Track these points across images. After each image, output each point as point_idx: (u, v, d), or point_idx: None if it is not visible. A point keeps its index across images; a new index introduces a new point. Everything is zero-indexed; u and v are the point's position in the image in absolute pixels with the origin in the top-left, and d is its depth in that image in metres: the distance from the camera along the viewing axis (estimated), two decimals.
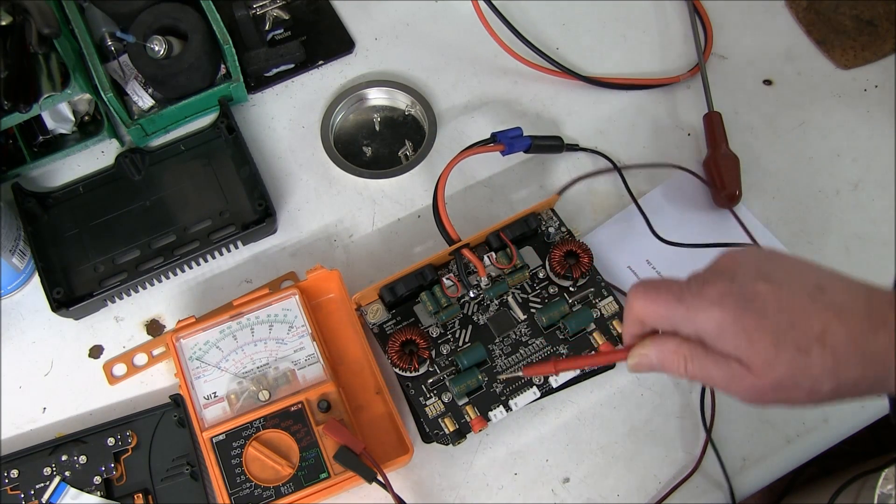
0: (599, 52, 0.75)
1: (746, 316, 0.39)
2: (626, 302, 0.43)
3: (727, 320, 0.39)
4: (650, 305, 0.42)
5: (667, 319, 0.42)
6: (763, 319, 0.38)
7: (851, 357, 0.38)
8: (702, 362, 0.41)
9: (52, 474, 0.56)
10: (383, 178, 0.68)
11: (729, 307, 0.39)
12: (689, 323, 0.41)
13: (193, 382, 0.57)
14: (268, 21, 0.74)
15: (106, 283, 0.63)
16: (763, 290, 0.39)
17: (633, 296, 0.43)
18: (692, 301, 0.40)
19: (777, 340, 0.38)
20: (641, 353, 0.43)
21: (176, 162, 0.68)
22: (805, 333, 0.38)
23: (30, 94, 0.60)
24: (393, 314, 0.60)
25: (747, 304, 0.39)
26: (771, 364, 0.38)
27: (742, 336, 0.39)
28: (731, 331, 0.39)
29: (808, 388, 0.39)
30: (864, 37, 0.75)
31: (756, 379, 0.39)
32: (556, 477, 0.58)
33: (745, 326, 0.39)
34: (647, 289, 0.42)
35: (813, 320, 0.38)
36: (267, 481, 0.54)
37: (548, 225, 0.63)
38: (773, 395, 0.40)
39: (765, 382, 0.39)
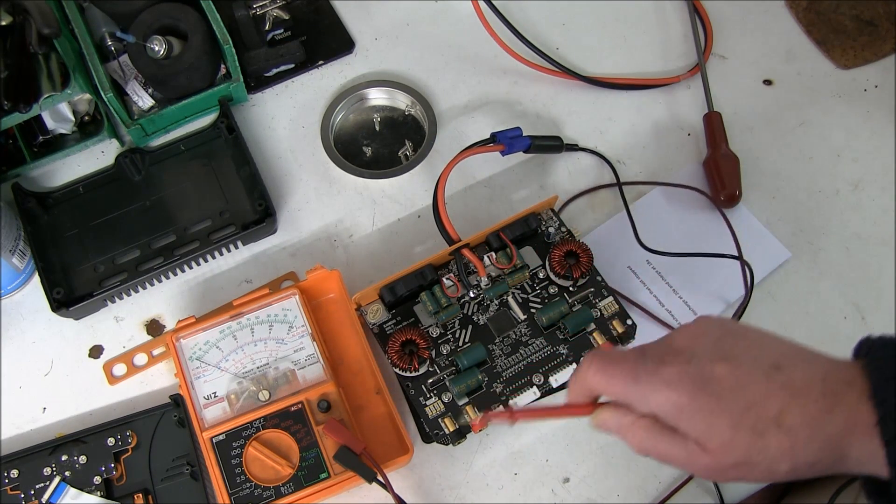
0: (599, 52, 0.75)
1: (703, 398, 0.38)
2: (579, 370, 0.43)
3: (684, 402, 0.39)
4: (604, 381, 0.41)
5: (621, 397, 0.41)
6: (720, 401, 0.38)
7: (807, 439, 0.37)
8: (658, 440, 0.40)
9: (52, 474, 0.56)
10: (383, 178, 0.68)
11: (686, 389, 0.39)
12: (644, 403, 0.40)
13: (193, 382, 0.57)
14: (268, 21, 0.74)
15: (106, 283, 0.63)
16: (720, 371, 0.39)
17: (588, 368, 0.42)
18: (648, 380, 0.40)
19: (734, 423, 0.38)
20: (602, 417, 0.43)
21: (176, 162, 0.68)
22: (761, 416, 0.38)
23: (30, 94, 0.60)
24: (393, 314, 0.60)
25: (704, 385, 0.39)
26: (727, 446, 0.38)
27: (699, 418, 0.39)
28: (687, 412, 0.39)
29: (765, 469, 0.38)
30: (864, 37, 0.75)
31: (713, 459, 0.39)
32: (556, 477, 0.58)
33: (701, 408, 0.38)
34: (602, 364, 0.42)
35: (769, 402, 0.38)
36: (267, 481, 0.54)
37: (548, 225, 0.63)
38: (732, 473, 0.39)
39: (721, 463, 0.39)
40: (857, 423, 0.37)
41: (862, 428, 0.37)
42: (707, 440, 0.39)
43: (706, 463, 0.39)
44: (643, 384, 0.40)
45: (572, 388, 0.44)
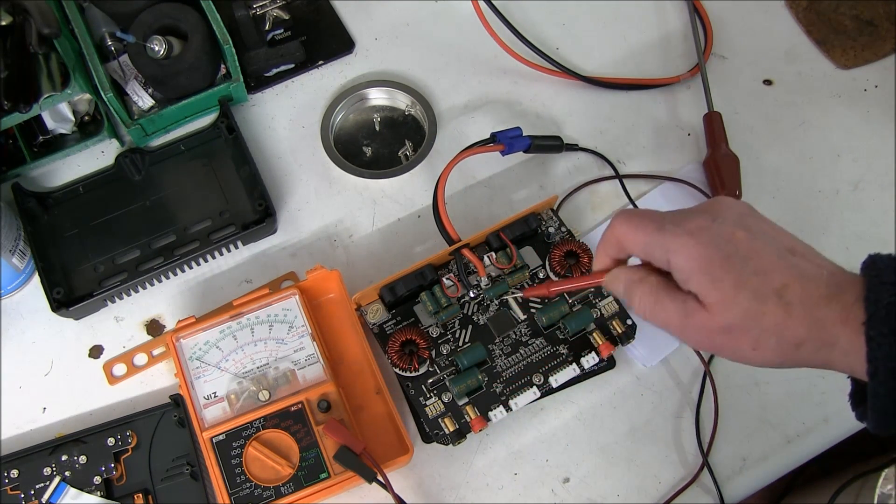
0: (599, 52, 0.75)
1: (716, 253, 0.40)
2: (609, 226, 0.45)
3: (698, 253, 0.41)
4: (632, 231, 0.44)
5: (643, 246, 0.43)
6: (731, 260, 0.40)
7: (801, 317, 0.39)
8: (660, 298, 0.43)
9: (52, 474, 0.56)
10: (383, 178, 0.68)
11: (703, 241, 0.41)
12: (663, 251, 0.42)
13: (193, 382, 0.57)
14: (268, 21, 0.74)
15: (106, 283, 0.63)
16: (739, 236, 0.41)
17: (618, 220, 0.44)
18: (671, 230, 0.42)
19: (738, 283, 0.40)
20: (614, 275, 0.46)
21: (176, 162, 0.68)
22: (766, 284, 0.40)
23: (30, 94, 0.60)
24: (393, 314, 0.60)
25: (721, 243, 0.40)
26: (726, 305, 0.40)
27: (707, 271, 0.40)
28: (698, 263, 0.40)
29: (755, 339, 0.40)
30: (864, 37, 0.75)
31: (708, 318, 0.41)
32: (556, 477, 0.58)
33: (712, 262, 0.40)
34: (631, 215, 0.44)
35: (776, 274, 0.40)
36: (267, 481, 0.54)
37: (548, 225, 0.63)
38: (720, 338, 0.41)
39: (715, 323, 0.40)
40: (848, 317, 0.38)
41: (852, 324, 0.38)
42: (708, 296, 0.40)
43: (700, 321, 0.41)
44: (666, 233, 0.42)
45: (600, 245, 0.46)
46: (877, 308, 0.37)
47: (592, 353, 0.59)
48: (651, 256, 0.43)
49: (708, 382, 0.61)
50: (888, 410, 0.38)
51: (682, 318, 0.42)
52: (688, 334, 0.42)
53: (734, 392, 0.61)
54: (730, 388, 0.61)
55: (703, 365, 0.61)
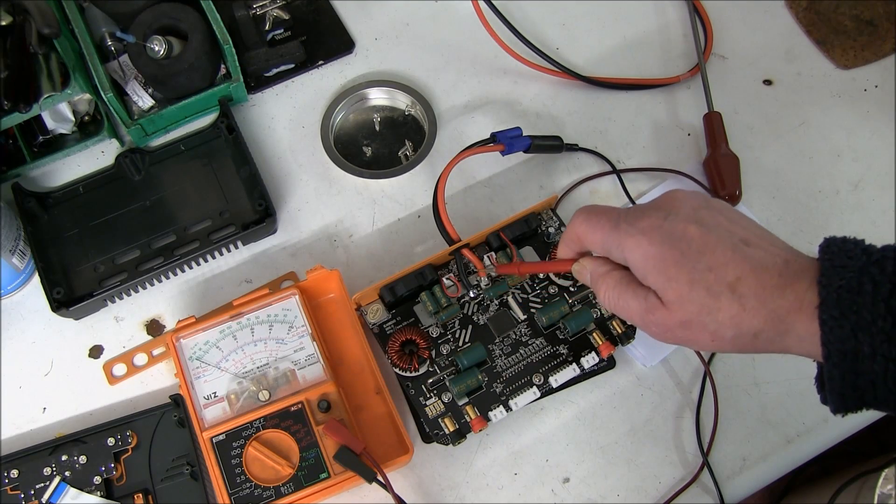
0: (599, 52, 0.75)
1: (669, 252, 0.41)
2: (569, 223, 0.47)
3: (651, 252, 0.42)
4: (590, 229, 0.45)
5: (601, 244, 0.45)
6: (684, 258, 0.41)
7: (755, 309, 0.40)
8: (623, 291, 0.44)
9: (52, 474, 0.56)
10: (383, 178, 0.68)
11: (656, 240, 0.42)
12: (619, 250, 0.44)
13: (193, 382, 0.57)
14: (268, 21, 0.74)
15: (106, 283, 0.63)
16: (691, 232, 0.42)
17: (576, 218, 0.46)
18: (626, 229, 0.43)
19: (692, 279, 0.41)
20: (581, 265, 0.47)
21: (176, 162, 0.68)
22: (719, 279, 0.41)
23: (30, 94, 0.60)
24: (393, 314, 0.60)
25: (674, 241, 0.42)
26: (682, 301, 0.41)
27: (661, 269, 0.42)
28: (652, 262, 0.42)
29: (712, 332, 0.41)
30: (864, 37, 0.75)
31: (667, 314, 0.42)
32: (556, 477, 0.58)
33: (666, 260, 0.41)
34: (588, 214, 0.46)
35: (730, 268, 0.41)
36: (267, 481, 0.54)
37: (548, 225, 0.63)
38: (680, 332, 0.42)
39: (674, 318, 0.42)
40: (803, 303, 0.39)
41: (807, 309, 0.39)
42: (665, 293, 0.42)
43: (660, 317, 0.42)
44: (621, 232, 0.43)
45: (562, 240, 0.48)
46: (828, 292, 0.38)
47: (592, 353, 0.59)
48: (609, 253, 0.45)
49: (708, 382, 0.61)
50: (844, 392, 0.39)
51: (643, 314, 0.43)
52: (649, 329, 0.44)
53: (734, 392, 0.61)
54: (730, 388, 0.61)
55: (703, 365, 0.61)
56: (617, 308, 0.45)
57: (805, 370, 0.61)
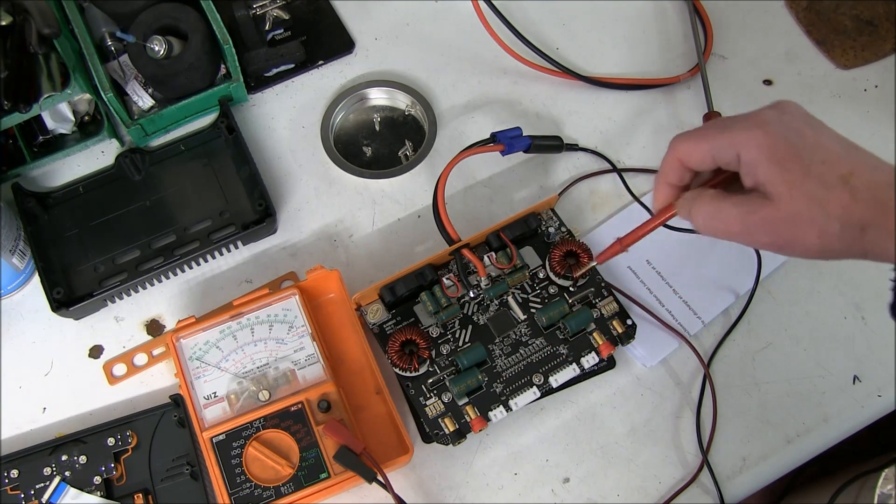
0: (599, 52, 0.75)
1: (785, 143, 0.42)
2: (667, 151, 0.46)
3: (767, 142, 0.42)
4: (694, 144, 0.45)
5: (710, 151, 0.44)
6: (799, 150, 0.42)
7: (866, 200, 0.40)
8: (721, 202, 0.44)
9: (52, 474, 0.56)
10: (383, 178, 0.68)
11: (771, 132, 0.42)
12: (731, 147, 0.43)
13: (193, 382, 0.57)
14: (268, 21, 0.74)
15: (106, 283, 0.63)
16: (806, 131, 0.42)
17: (677, 140, 0.46)
18: (739, 125, 0.43)
19: (805, 171, 0.41)
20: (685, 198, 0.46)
21: (176, 162, 0.68)
22: (832, 171, 0.41)
23: (30, 94, 0.60)
24: (393, 314, 0.60)
25: (789, 134, 0.42)
26: (793, 192, 0.41)
27: (775, 160, 0.42)
28: (768, 153, 0.42)
29: (821, 226, 0.41)
30: (864, 37, 0.75)
31: (773, 209, 0.42)
32: (556, 477, 0.58)
33: (780, 151, 0.42)
34: (689, 133, 0.46)
35: (842, 163, 0.41)
36: (267, 481, 0.54)
37: (548, 225, 0.63)
38: (785, 229, 0.42)
39: (781, 212, 0.41)
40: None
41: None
42: (775, 183, 0.41)
43: (765, 214, 0.42)
44: (735, 130, 0.43)
45: (660, 177, 0.48)
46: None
47: (592, 353, 0.59)
48: (719, 159, 0.44)
49: (707, 382, 0.61)
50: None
51: (745, 216, 0.43)
52: (752, 232, 0.43)
53: (734, 392, 0.61)
54: (730, 388, 0.61)
55: (702, 366, 0.61)
56: (714, 221, 0.44)
57: (805, 370, 0.62)
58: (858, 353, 0.62)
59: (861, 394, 0.61)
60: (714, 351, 0.62)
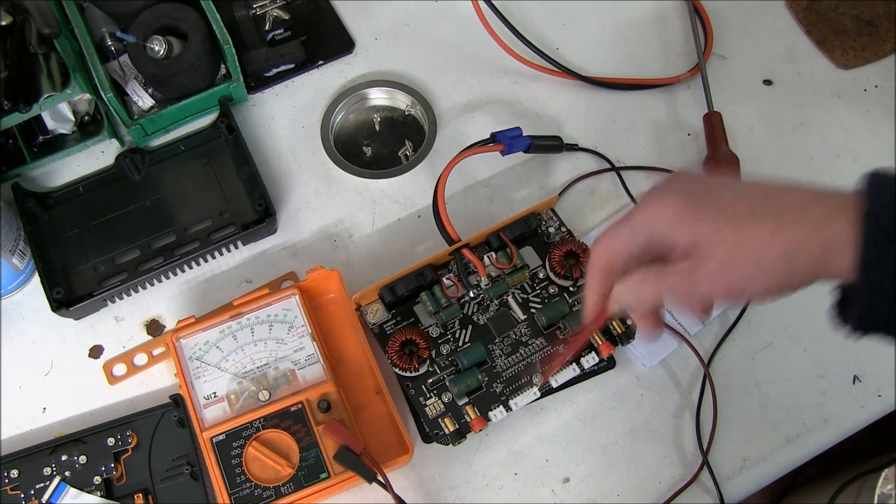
0: (599, 52, 0.75)
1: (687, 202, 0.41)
2: (591, 256, 0.45)
3: (672, 210, 0.41)
4: (612, 239, 0.44)
5: (626, 244, 0.44)
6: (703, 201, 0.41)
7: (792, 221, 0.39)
8: (662, 275, 0.43)
9: (52, 474, 0.56)
10: (383, 178, 0.68)
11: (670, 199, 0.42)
12: (645, 230, 0.43)
13: (193, 382, 0.57)
14: (268, 21, 0.74)
15: (106, 283, 0.63)
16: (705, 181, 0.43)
17: (596, 244, 0.45)
18: (641, 209, 0.43)
19: (717, 217, 0.40)
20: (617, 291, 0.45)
21: (176, 162, 0.68)
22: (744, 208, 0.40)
23: (30, 94, 0.60)
24: (393, 314, 0.60)
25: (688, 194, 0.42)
26: (715, 243, 0.40)
27: (685, 220, 0.41)
28: (675, 218, 0.41)
29: (756, 261, 0.40)
30: (864, 37, 0.75)
31: (708, 264, 0.41)
32: (556, 477, 0.58)
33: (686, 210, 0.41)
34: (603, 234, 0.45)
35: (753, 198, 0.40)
36: (267, 481, 0.54)
37: (548, 225, 0.63)
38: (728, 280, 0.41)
39: (714, 265, 0.40)
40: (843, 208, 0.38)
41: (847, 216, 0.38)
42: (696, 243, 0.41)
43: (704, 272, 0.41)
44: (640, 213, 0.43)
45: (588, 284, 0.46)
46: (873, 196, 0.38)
47: (592, 353, 0.59)
48: (637, 245, 0.44)
49: (707, 383, 0.61)
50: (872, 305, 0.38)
51: (687, 279, 0.42)
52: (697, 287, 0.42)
53: (734, 392, 0.61)
54: (730, 388, 0.61)
55: (702, 366, 0.61)
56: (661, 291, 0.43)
57: (805, 370, 0.62)
58: (858, 353, 0.62)
59: (861, 394, 0.61)
60: (714, 351, 0.62)
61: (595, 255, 0.45)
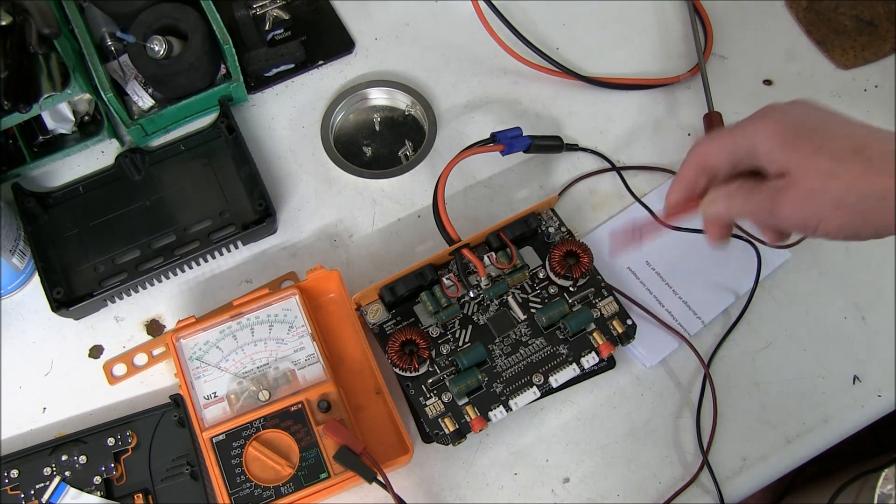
0: (599, 52, 0.75)
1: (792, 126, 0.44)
2: (688, 154, 0.48)
3: (776, 129, 0.44)
4: (714, 144, 0.47)
5: (729, 148, 0.46)
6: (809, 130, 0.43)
7: (881, 168, 0.41)
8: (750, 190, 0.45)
9: (52, 474, 0.56)
10: (383, 178, 0.68)
11: (781, 119, 0.44)
12: (745, 138, 0.45)
13: (193, 382, 0.57)
14: (268, 21, 0.74)
15: (106, 283, 0.63)
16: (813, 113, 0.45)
17: (697, 143, 0.48)
18: (749, 122, 0.45)
19: (815, 149, 0.43)
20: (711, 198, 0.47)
21: (176, 162, 0.68)
22: (844, 145, 0.42)
23: (30, 94, 0.60)
24: (393, 314, 0.60)
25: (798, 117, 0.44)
26: (806, 170, 0.42)
27: (786, 143, 0.43)
28: (780, 139, 0.44)
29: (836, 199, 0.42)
30: (864, 37, 0.75)
31: (792, 188, 0.43)
32: (556, 477, 0.58)
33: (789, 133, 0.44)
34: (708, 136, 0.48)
35: (854, 136, 0.43)
36: (267, 481, 0.54)
37: (548, 225, 0.63)
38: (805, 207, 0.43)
39: (799, 191, 0.43)
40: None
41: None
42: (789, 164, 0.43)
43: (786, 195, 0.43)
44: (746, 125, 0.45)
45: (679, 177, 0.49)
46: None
47: (592, 353, 0.59)
48: (736, 154, 0.46)
49: (707, 383, 0.61)
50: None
51: (771, 199, 0.44)
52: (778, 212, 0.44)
53: (734, 392, 0.61)
54: (730, 388, 0.61)
55: (702, 366, 0.61)
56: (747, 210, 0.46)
57: (805, 370, 0.62)
58: (858, 353, 0.62)
59: (861, 394, 0.61)
60: (714, 351, 0.62)
61: (694, 152, 0.48)
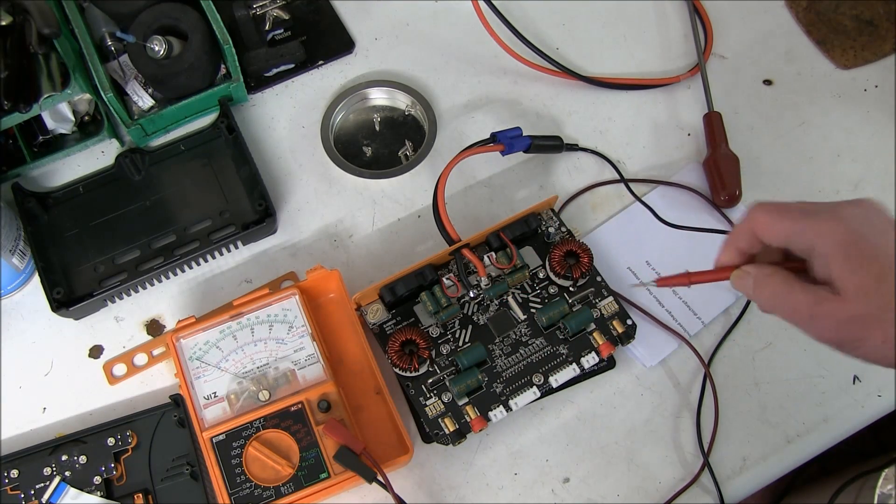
0: (599, 52, 0.75)
1: (863, 243, 0.40)
2: (745, 216, 0.45)
3: (846, 239, 0.40)
4: (775, 219, 0.43)
5: (786, 233, 0.43)
6: (877, 252, 0.40)
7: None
8: (792, 286, 0.42)
9: (52, 474, 0.56)
10: (383, 178, 0.68)
11: (852, 229, 0.40)
12: (809, 234, 0.42)
13: (193, 382, 0.57)
14: (268, 21, 0.74)
15: (106, 283, 0.63)
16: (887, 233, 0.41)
17: (758, 210, 0.44)
18: (823, 214, 0.42)
19: (881, 274, 0.40)
20: (745, 271, 0.45)
21: (176, 162, 0.68)
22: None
23: (30, 94, 0.60)
24: (393, 314, 0.60)
25: (869, 234, 0.40)
26: (865, 293, 0.40)
27: (851, 258, 0.40)
28: (844, 249, 0.40)
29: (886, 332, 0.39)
30: (864, 37, 0.75)
31: (840, 305, 0.40)
32: (556, 477, 0.58)
33: (858, 248, 0.40)
34: (774, 205, 0.43)
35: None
36: (267, 481, 0.54)
37: (548, 225, 0.63)
38: (849, 328, 0.40)
39: (848, 311, 0.40)
40: None
41: None
42: (847, 281, 0.40)
43: (831, 309, 0.40)
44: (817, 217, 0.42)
45: (730, 238, 0.46)
46: None
47: (592, 353, 0.59)
48: (792, 243, 0.43)
49: (708, 383, 0.61)
50: None
51: (812, 306, 0.41)
52: (815, 323, 0.42)
53: (734, 392, 0.61)
54: (730, 388, 0.61)
55: (702, 366, 0.61)
56: (783, 303, 0.43)
57: (805, 370, 0.62)
58: None
59: (861, 394, 0.61)
60: (714, 351, 0.62)
61: (753, 219, 0.44)
